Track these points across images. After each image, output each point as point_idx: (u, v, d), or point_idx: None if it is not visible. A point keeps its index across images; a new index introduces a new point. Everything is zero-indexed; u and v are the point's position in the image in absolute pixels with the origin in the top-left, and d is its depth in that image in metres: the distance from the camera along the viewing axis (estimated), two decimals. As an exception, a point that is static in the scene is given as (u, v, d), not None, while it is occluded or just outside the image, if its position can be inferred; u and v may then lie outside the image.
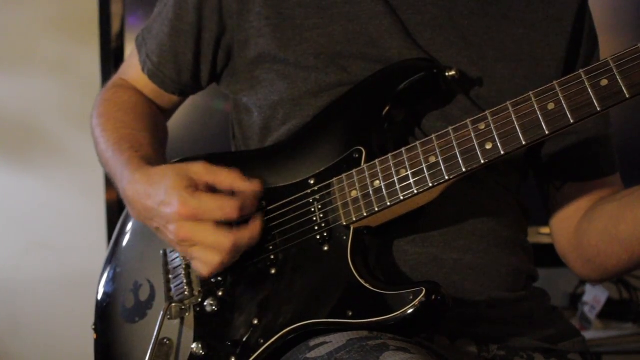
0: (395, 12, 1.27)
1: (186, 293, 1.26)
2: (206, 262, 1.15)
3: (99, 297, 1.39)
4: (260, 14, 1.29)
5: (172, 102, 1.47)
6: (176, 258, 1.30)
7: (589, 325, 2.44)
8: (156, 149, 1.34)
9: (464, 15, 1.29)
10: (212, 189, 1.16)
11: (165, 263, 1.31)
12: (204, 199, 1.12)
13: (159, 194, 1.16)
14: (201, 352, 1.22)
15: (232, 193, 1.16)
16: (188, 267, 1.27)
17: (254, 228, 1.16)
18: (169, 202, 1.13)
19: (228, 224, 1.14)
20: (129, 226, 1.41)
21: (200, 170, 1.16)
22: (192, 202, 1.12)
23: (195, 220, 1.12)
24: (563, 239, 1.36)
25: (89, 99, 1.49)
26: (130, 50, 1.48)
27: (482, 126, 1.09)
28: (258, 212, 1.18)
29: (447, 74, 1.21)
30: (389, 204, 1.14)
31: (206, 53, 1.37)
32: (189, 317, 1.26)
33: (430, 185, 1.12)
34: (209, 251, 1.14)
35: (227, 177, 1.16)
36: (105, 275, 1.40)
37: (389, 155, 1.15)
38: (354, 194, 1.17)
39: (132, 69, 1.46)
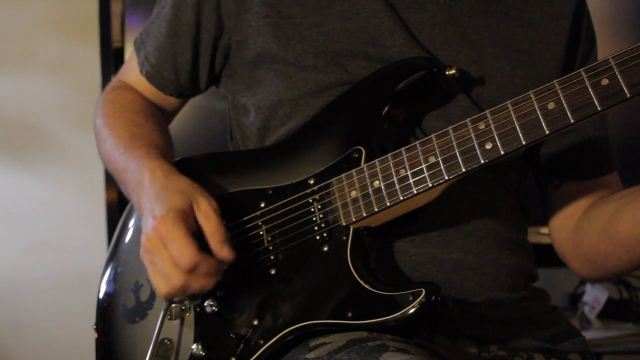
0: (395, 10, 1.27)
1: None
2: (156, 285, 1.16)
3: (100, 296, 1.39)
4: (258, 13, 1.29)
5: (171, 104, 1.46)
6: None
7: (589, 325, 2.44)
8: (168, 149, 1.34)
9: (464, 14, 1.29)
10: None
11: (165, 263, 1.31)
12: (178, 229, 1.12)
13: (159, 202, 1.16)
14: (201, 352, 1.22)
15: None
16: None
17: (207, 281, 1.15)
18: (157, 213, 1.14)
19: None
20: (130, 226, 1.41)
21: (202, 206, 1.16)
22: (167, 225, 1.12)
23: (161, 242, 1.13)
24: (561, 238, 1.36)
25: (89, 99, 1.49)
26: (130, 50, 1.48)
27: (481, 126, 1.09)
28: (219, 273, 1.16)
29: (447, 72, 1.21)
30: (388, 204, 1.14)
31: (204, 54, 1.36)
32: (189, 317, 1.26)
33: (430, 185, 1.12)
34: (159, 276, 1.15)
35: (211, 231, 1.15)
36: (106, 274, 1.40)
37: (389, 155, 1.15)
38: (353, 194, 1.17)
39: (132, 71, 1.46)
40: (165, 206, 1.14)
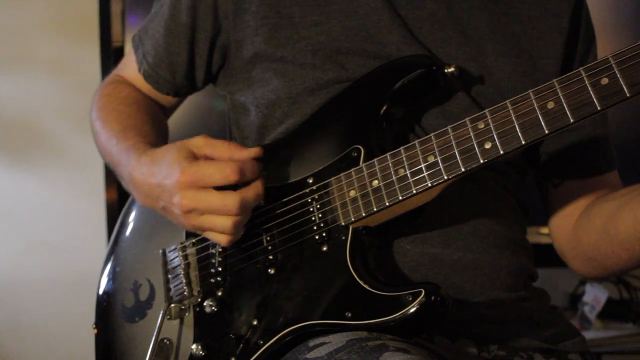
0: (394, 7, 1.27)
1: (185, 293, 1.26)
2: (220, 228, 1.14)
3: (99, 295, 1.40)
4: (257, 13, 1.29)
5: (168, 102, 1.47)
6: (175, 258, 1.29)
7: (589, 325, 2.44)
8: (160, 139, 1.34)
9: (463, 11, 1.29)
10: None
11: (165, 263, 1.31)
12: (202, 164, 1.11)
13: (162, 169, 1.15)
14: (201, 352, 1.22)
15: None
16: (187, 266, 1.27)
17: (257, 185, 1.14)
18: (170, 174, 1.13)
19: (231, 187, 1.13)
20: (129, 224, 1.41)
21: (200, 143, 1.16)
22: (192, 169, 1.11)
23: (197, 187, 1.11)
24: (562, 237, 1.36)
25: (89, 99, 1.49)
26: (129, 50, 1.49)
27: (481, 125, 1.09)
28: (258, 176, 1.15)
29: (446, 70, 1.21)
30: (387, 204, 1.14)
31: (201, 53, 1.36)
32: (189, 317, 1.26)
33: (429, 185, 1.12)
34: (217, 217, 1.13)
35: (225, 148, 1.15)
36: (105, 273, 1.40)
37: (388, 154, 1.15)
38: (352, 193, 1.16)
39: (129, 67, 1.46)
40: (172, 164, 1.13)
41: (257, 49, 1.29)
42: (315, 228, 1.18)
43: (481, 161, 1.09)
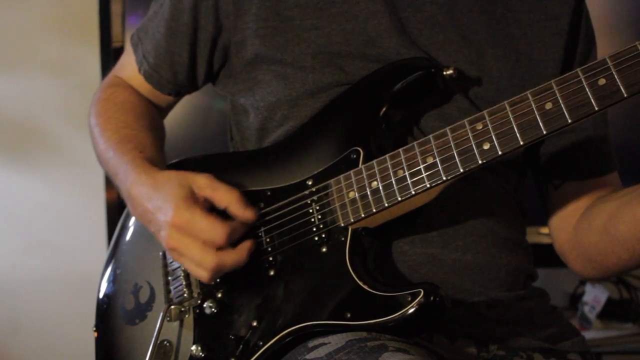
0: (394, 10, 1.27)
1: (185, 295, 1.26)
2: (195, 275, 1.17)
3: (100, 298, 1.40)
4: (257, 15, 1.29)
5: (167, 101, 1.47)
6: (175, 260, 1.29)
7: (589, 325, 2.44)
8: (158, 149, 1.34)
9: (464, 14, 1.29)
10: (211, 204, 1.17)
11: (165, 265, 1.31)
12: (196, 215, 1.13)
13: (159, 199, 1.17)
14: (201, 354, 1.22)
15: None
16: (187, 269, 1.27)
17: (241, 252, 1.16)
18: (165, 210, 1.15)
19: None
20: (129, 227, 1.41)
21: (203, 184, 1.17)
22: (185, 215, 1.13)
23: (183, 234, 1.13)
24: (562, 238, 1.36)
25: (89, 99, 1.49)
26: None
27: (479, 126, 1.09)
28: (248, 240, 1.18)
29: (445, 73, 1.21)
30: (387, 204, 1.14)
31: (202, 53, 1.36)
32: (189, 319, 1.26)
33: (428, 185, 1.12)
34: (195, 265, 1.15)
35: (225, 197, 1.17)
36: (106, 276, 1.40)
37: (387, 155, 1.15)
38: (351, 194, 1.17)
39: (128, 67, 1.46)
40: (170, 200, 1.15)
41: (257, 51, 1.29)
42: (314, 229, 1.18)
43: (480, 162, 1.09)
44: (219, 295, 1.24)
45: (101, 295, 1.40)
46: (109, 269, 1.40)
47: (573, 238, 1.33)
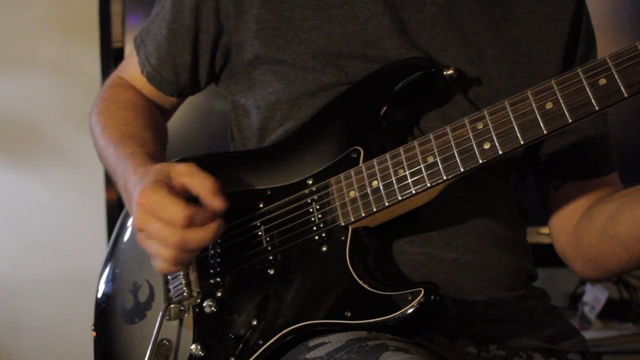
0: (395, 11, 1.27)
1: (185, 294, 1.26)
2: (157, 254, 1.13)
3: (98, 297, 1.40)
4: (258, 16, 1.29)
5: (170, 103, 1.47)
6: None
7: (589, 325, 2.44)
8: (159, 146, 1.34)
9: (464, 15, 1.29)
10: (187, 191, 1.14)
11: (164, 264, 1.31)
12: (160, 194, 1.10)
13: (138, 182, 1.15)
14: (200, 353, 1.22)
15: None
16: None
17: (206, 230, 1.11)
18: (138, 190, 1.13)
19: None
20: (128, 226, 1.41)
21: (181, 170, 1.15)
22: (149, 195, 1.10)
23: (147, 213, 1.11)
24: (562, 239, 1.36)
25: (89, 99, 1.49)
26: (130, 50, 1.49)
27: (479, 126, 1.09)
28: (218, 220, 1.13)
29: (445, 72, 1.21)
30: (387, 204, 1.14)
31: (204, 54, 1.37)
32: (188, 318, 1.26)
33: (429, 185, 1.12)
34: (158, 245, 1.12)
35: (199, 185, 1.13)
36: (105, 275, 1.40)
37: (387, 155, 1.15)
38: (352, 194, 1.17)
39: (131, 69, 1.46)
40: (141, 185, 1.13)
41: (258, 51, 1.29)
42: (315, 228, 1.18)
43: (480, 161, 1.09)
44: (219, 294, 1.24)
45: (100, 295, 1.40)
46: (108, 268, 1.40)
47: (573, 238, 1.33)
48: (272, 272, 1.20)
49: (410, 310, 1.07)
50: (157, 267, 1.15)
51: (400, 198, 1.13)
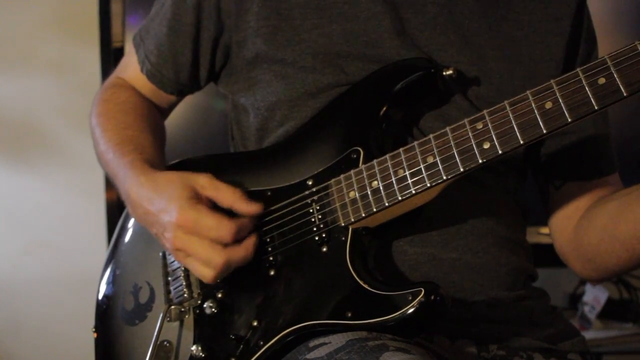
0: (395, 11, 1.27)
1: (185, 295, 1.26)
2: (201, 274, 1.16)
3: (99, 299, 1.40)
4: (258, 14, 1.29)
5: (169, 101, 1.47)
6: (175, 260, 1.29)
7: (589, 325, 2.44)
8: (158, 150, 1.34)
9: (465, 15, 1.29)
10: (213, 204, 1.17)
11: (165, 265, 1.31)
12: (203, 213, 1.13)
13: (162, 201, 1.16)
14: (201, 354, 1.22)
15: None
16: (187, 269, 1.27)
17: (247, 247, 1.16)
18: (169, 211, 1.14)
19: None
20: (129, 228, 1.41)
21: (205, 183, 1.17)
22: (191, 214, 1.13)
23: (190, 233, 1.13)
24: (562, 239, 1.36)
25: (89, 99, 1.49)
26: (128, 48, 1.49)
27: (479, 126, 1.09)
28: (253, 234, 1.17)
29: (444, 73, 1.21)
30: (387, 204, 1.14)
31: (204, 53, 1.37)
32: (189, 319, 1.26)
33: (429, 185, 1.12)
34: (202, 265, 1.15)
35: (229, 196, 1.17)
36: (105, 277, 1.40)
37: (387, 155, 1.15)
38: (352, 194, 1.17)
39: (130, 68, 1.46)
40: (174, 200, 1.14)
41: (258, 49, 1.29)
42: (315, 229, 1.18)
43: (480, 161, 1.09)
44: (219, 295, 1.24)
45: (101, 296, 1.40)
46: (109, 270, 1.40)
47: (574, 238, 1.33)
48: (272, 272, 1.20)
49: (410, 311, 1.07)
50: (203, 279, 1.18)
51: (400, 198, 1.13)
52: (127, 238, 1.40)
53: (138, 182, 1.21)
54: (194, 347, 1.22)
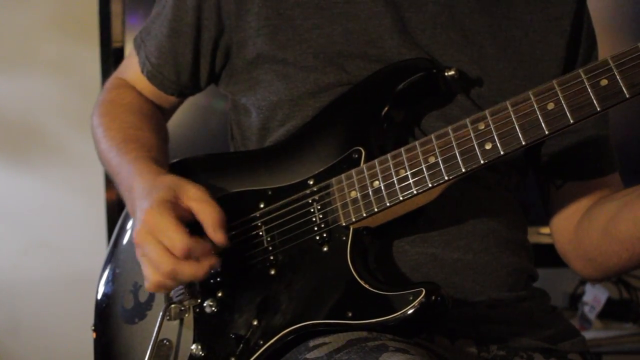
0: (396, 10, 1.27)
1: (185, 294, 1.26)
2: (146, 275, 1.15)
3: (99, 297, 1.39)
4: (259, 14, 1.29)
5: (171, 103, 1.47)
6: None
7: (589, 325, 2.44)
8: (162, 151, 1.35)
9: (465, 14, 1.29)
10: (193, 218, 1.16)
11: (165, 264, 1.31)
12: (165, 219, 1.11)
13: (144, 196, 1.16)
14: (201, 353, 1.22)
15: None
16: None
17: (200, 267, 1.13)
18: (143, 207, 1.14)
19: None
20: (128, 226, 1.41)
21: (192, 194, 1.16)
22: (156, 216, 1.12)
23: (150, 233, 1.12)
24: (563, 238, 1.36)
25: (89, 99, 1.49)
26: (130, 50, 1.49)
27: (481, 126, 1.09)
28: (214, 257, 1.14)
29: (446, 73, 1.21)
30: (388, 204, 1.14)
31: (205, 54, 1.37)
32: (189, 318, 1.25)
33: (430, 185, 1.12)
34: (150, 267, 1.14)
35: (205, 214, 1.15)
36: (105, 276, 1.40)
37: (388, 155, 1.15)
38: (353, 194, 1.17)
39: (131, 69, 1.46)
40: (150, 198, 1.14)
41: (259, 49, 1.29)
42: (316, 229, 1.19)
43: (482, 162, 1.09)
44: (220, 294, 1.24)
45: (100, 295, 1.39)
46: (108, 269, 1.40)
47: (574, 238, 1.33)
48: (273, 272, 1.20)
49: (411, 311, 1.07)
50: (145, 284, 1.17)
51: (401, 198, 1.13)
52: (127, 237, 1.40)
53: (141, 178, 1.21)
54: (193, 346, 1.22)
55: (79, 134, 2.56)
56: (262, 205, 1.24)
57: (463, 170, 1.10)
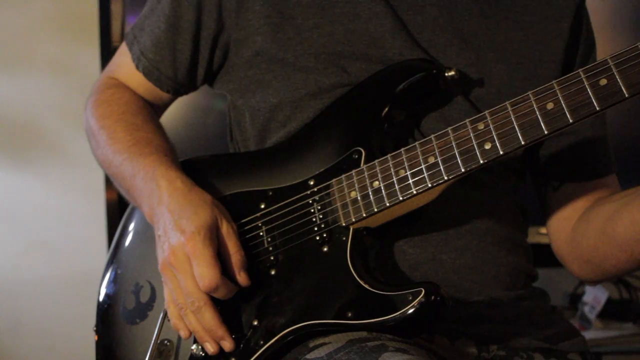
0: (396, 12, 1.27)
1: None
2: (172, 296, 1.18)
3: (100, 298, 1.39)
4: (260, 12, 1.29)
5: (164, 101, 1.45)
6: None
7: (589, 325, 2.44)
8: (175, 153, 1.33)
9: (464, 16, 1.29)
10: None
11: (166, 264, 1.31)
12: (207, 251, 1.14)
13: (187, 214, 1.16)
14: (201, 353, 1.22)
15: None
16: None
17: (216, 317, 1.17)
18: (187, 226, 1.15)
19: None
20: (131, 228, 1.41)
21: (226, 230, 1.18)
22: (197, 243, 1.13)
23: (186, 258, 1.14)
24: (560, 240, 1.36)
25: (89, 99, 1.48)
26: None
27: (481, 126, 1.09)
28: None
29: (446, 74, 1.21)
30: (388, 204, 1.14)
31: (204, 51, 1.36)
32: (189, 318, 1.26)
33: (430, 185, 1.12)
34: (180, 292, 1.16)
35: (233, 254, 1.18)
36: (107, 276, 1.40)
37: (388, 155, 1.16)
38: (353, 194, 1.17)
39: (123, 67, 1.43)
40: (196, 223, 1.15)
41: (258, 47, 1.29)
42: (316, 229, 1.19)
43: (481, 162, 1.09)
44: (220, 294, 1.24)
45: (102, 295, 1.39)
46: (110, 269, 1.40)
47: (571, 240, 1.33)
48: (273, 272, 1.21)
49: (410, 311, 1.07)
50: (166, 304, 1.21)
51: (401, 198, 1.13)
52: (129, 237, 1.40)
53: (173, 184, 1.21)
54: (194, 346, 1.22)
55: (79, 133, 2.53)
56: (262, 206, 1.24)
57: (462, 170, 1.10)
